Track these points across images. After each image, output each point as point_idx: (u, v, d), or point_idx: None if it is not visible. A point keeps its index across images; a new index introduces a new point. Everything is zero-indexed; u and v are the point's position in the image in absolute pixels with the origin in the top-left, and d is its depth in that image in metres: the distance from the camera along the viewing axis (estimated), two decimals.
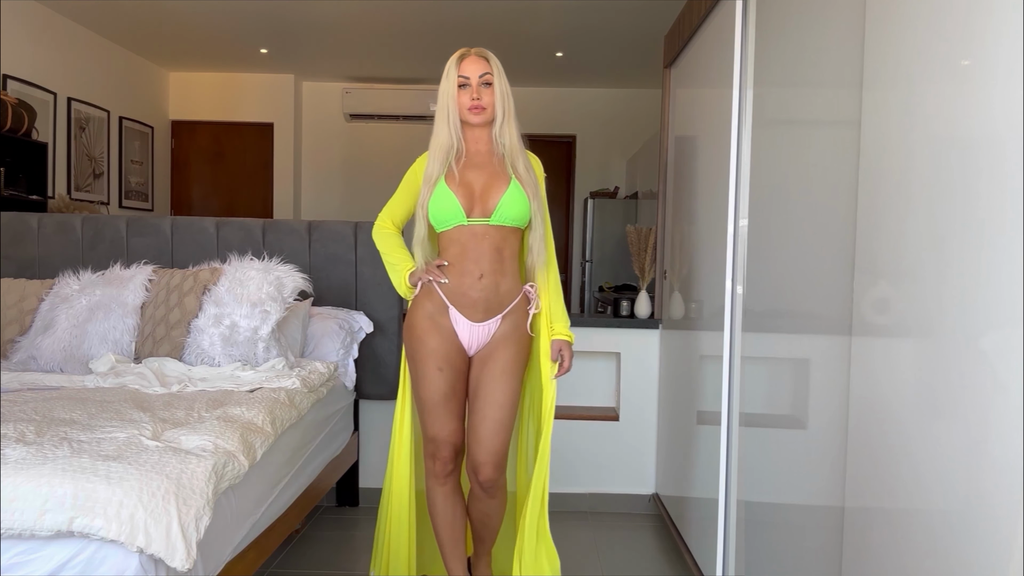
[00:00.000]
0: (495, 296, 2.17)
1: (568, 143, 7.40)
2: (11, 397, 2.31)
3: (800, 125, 1.95)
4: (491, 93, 2.16)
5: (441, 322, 2.18)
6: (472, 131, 2.20)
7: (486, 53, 2.19)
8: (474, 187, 2.16)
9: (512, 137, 2.18)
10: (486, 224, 2.15)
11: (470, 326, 2.18)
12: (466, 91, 2.15)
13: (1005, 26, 1.08)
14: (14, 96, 4.60)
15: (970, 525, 1.14)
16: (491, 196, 2.14)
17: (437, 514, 2.28)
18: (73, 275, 3.12)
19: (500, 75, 2.19)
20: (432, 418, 2.20)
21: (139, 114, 6.53)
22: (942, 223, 1.22)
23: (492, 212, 2.14)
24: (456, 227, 2.16)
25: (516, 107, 2.22)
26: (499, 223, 2.15)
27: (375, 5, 5.02)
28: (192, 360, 2.84)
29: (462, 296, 2.16)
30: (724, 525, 2.38)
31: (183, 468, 1.71)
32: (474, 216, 2.15)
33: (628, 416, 3.50)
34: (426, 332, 2.18)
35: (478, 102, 2.13)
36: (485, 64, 2.16)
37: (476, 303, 2.16)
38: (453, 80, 2.15)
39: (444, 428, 2.19)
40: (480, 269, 2.15)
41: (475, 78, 2.14)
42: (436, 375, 2.17)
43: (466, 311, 2.17)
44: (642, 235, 3.50)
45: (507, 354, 2.18)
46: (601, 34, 5.55)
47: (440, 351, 2.17)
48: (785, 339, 2.00)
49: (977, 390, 1.13)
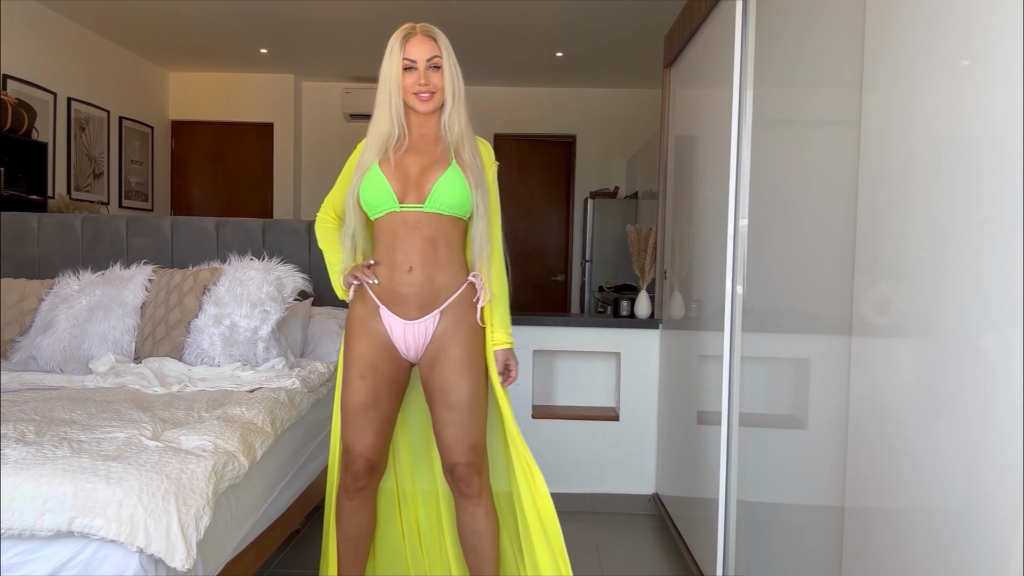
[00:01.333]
0: (428, 291, 1.98)
1: (568, 143, 7.40)
2: (11, 397, 2.31)
3: (800, 125, 1.95)
4: (440, 77, 1.96)
5: (372, 325, 2.01)
6: (416, 116, 2.02)
7: (434, 32, 1.98)
8: (410, 171, 1.98)
9: (461, 123, 2.00)
10: (420, 211, 1.96)
11: (404, 325, 2.00)
12: (412, 74, 1.95)
13: (1005, 26, 1.08)
14: (14, 96, 4.60)
15: (970, 525, 1.14)
16: (427, 181, 1.96)
17: (340, 527, 2.10)
18: (73, 275, 3.12)
19: (450, 56, 1.98)
20: (348, 428, 2.03)
21: (139, 114, 6.52)
22: (942, 223, 1.22)
23: (426, 198, 1.96)
24: (388, 214, 1.98)
25: (516, 107, 2.16)
26: (434, 210, 1.96)
27: (375, 5, 5.02)
28: (192, 360, 2.84)
29: (392, 293, 1.99)
30: (724, 525, 2.38)
31: (183, 468, 1.71)
32: (408, 202, 1.96)
33: (628, 416, 3.50)
34: (354, 337, 2.03)
35: (426, 87, 1.94)
36: (434, 46, 1.96)
37: (407, 299, 1.98)
38: (397, 62, 1.95)
39: (359, 440, 2.02)
40: (409, 261, 1.97)
41: (422, 61, 1.94)
42: (357, 383, 2.01)
43: (397, 309, 1.99)
44: (642, 235, 3.50)
45: (455, 351, 1.99)
46: (601, 34, 5.55)
47: (365, 357, 2.01)
48: (785, 339, 2.00)
49: (977, 390, 1.13)
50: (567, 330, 3.52)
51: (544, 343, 3.50)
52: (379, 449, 2.06)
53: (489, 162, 2.09)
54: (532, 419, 3.50)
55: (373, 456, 2.04)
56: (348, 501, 2.09)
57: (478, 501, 2.06)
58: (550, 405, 3.66)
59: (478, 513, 2.06)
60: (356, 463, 2.04)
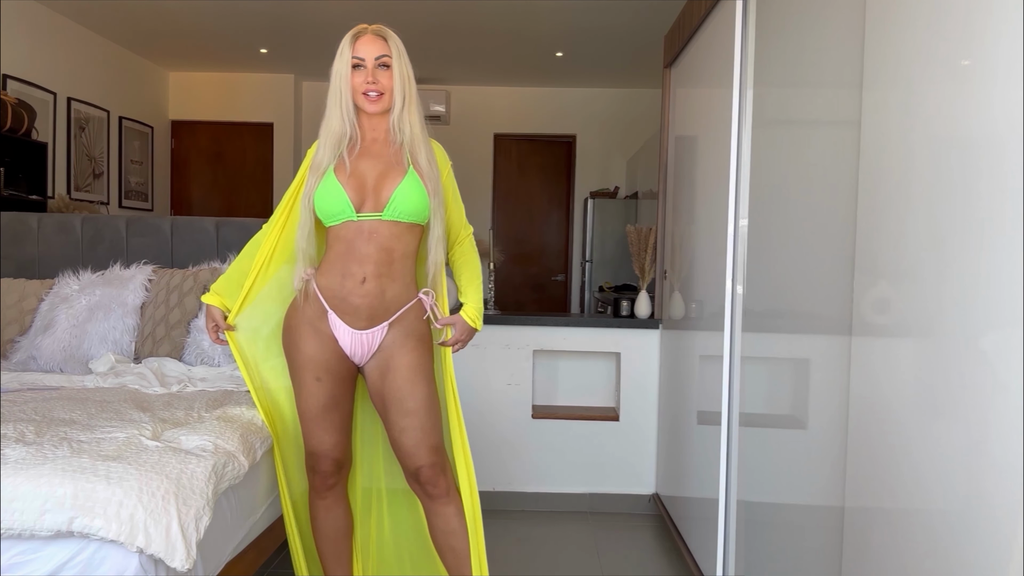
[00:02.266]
0: (380, 303, 1.97)
1: (568, 143, 7.40)
2: (11, 397, 2.31)
3: (800, 125, 1.95)
4: (389, 76, 1.94)
5: (320, 327, 1.99)
6: (368, 119, 2.00)
7: (385, 32, 1.97)
8: (366, 179, 1.95)
9: (413, 126, 1.97)
10: (377, 220, 1.94)
11: (351, 333, 1.98)
12: (360, 73, 1.94)
13: (1005, 26, 1.08)
14: (14, 96, 4.60)
15: (970, 525, 1.14)
16: (384, 188, 1.94)
17: (318, 528, 2.13)
18: (73, 275, 3.12)
19: (400, 55, 1.96)
20: (311, 430, 2.03)
21: (139, 114, 6.52)
22: (942, 223, 1.22)
23: (384, 206, 1.93)
24: (344, 223, 1.95)
25: (516, 107, 2.15)
26: (392, 218, 1.94)
27: (375, 5, 5.02)
28: (192, 360, 2.84)
29: (342, 301, 1.96)
30: (724, 525, 2.38)
31: (183, 468, 1.71)
32: (365, 211, 1.94)
33: (628, 416, 3.50)
34: (303, 338, 1.99)
35: (373, 86, 1.93)
36: (383, 44, 1.94)
37: (358, 309, 1.96)
38: (347, 60, 1.94)
39: (324, 441, 2.03)
40: (363, 272, 1.94)
41: (371, 60, 1.93)
42: (314, 385, 1.99)
43: (347, 317, 1.97)
44: (642, 235, 3.50)
45: (406, 360, 1.99)
46: (601, 34, 5.55)
47: (318, 359, 1.99)
48: (785, 339, 2.00)
49: (977, 390, 1.13)
50: (567, 330, 3.52)
51: (544, 343, 3.50)
52: (344, 447, 2.08)
53: (443, 163, 2.09)
54: (532, 419, 3.50)
55: (339, 455, 2.07)
56: (320, 501, 2.11)
57: (447, 500, 2.05)
58: (550, 405, 3.66)
59: (449, 512, 2.06)
60: (323, 463, 2.06)
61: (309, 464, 2.09)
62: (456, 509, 2.07)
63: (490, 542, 2.08)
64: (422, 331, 2.04)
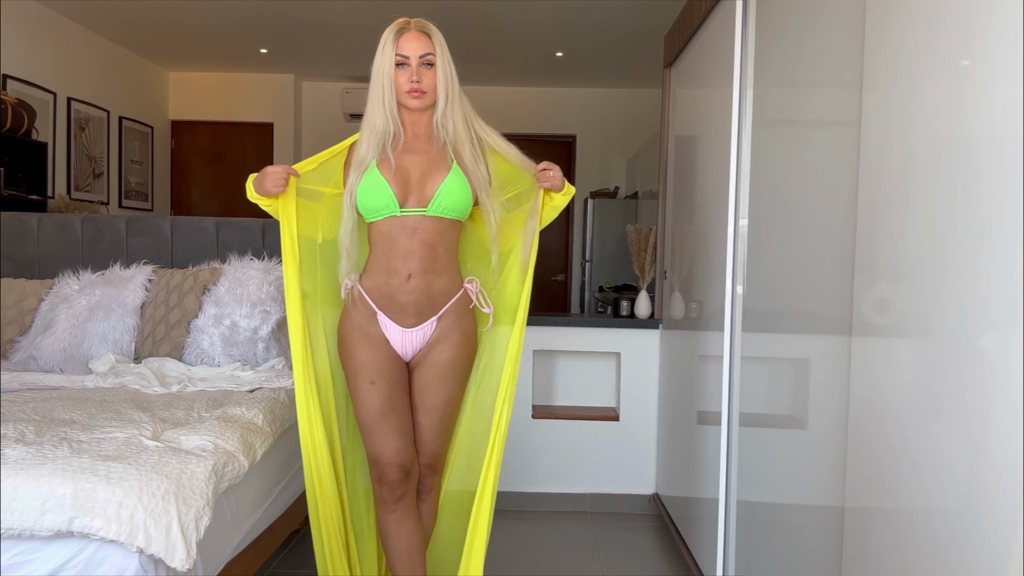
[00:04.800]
0: (427, 298, 1.95)
1: (568, 143, 7.40)
2: (11, 397, 2.31)
3: (800, 125, 1.95)
4: (432, 75, 1.92)
5: (370, 331, 1.96)
6: (410, 114, 1.97)
7: (428, 28, 1.93)
8: (410, 174, 1.93)
9: (457, 122, 1.96)
10: (421, 215, 1.92)
11: (402, 332, 1.97)
12: (404, 71, 1.90)
13: (1005, 26, 1.08)
14: (14, 96, 4.59)
15: (970, 525, 1.14)
16: (428, 184, 1.92)
17: (390, 546, 1.99)
18: (73, 275, 3.12)
19: (444, 53, 1.93)
20: (371, 437, 1.96)
21: (139, 114, 6.52)
22: (942, 223, 1.22)
23: (429, 202, 1.92)
24: (387, 219, 1.93)
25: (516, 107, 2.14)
26: (436, 214, 1.93)
27: (375, 5, 5.01)
28: (192, 360, 2.84)
29: (390, 300, 1.94)
30: (724, 525, 2.38)
31: (183, 468, 1.71)
32: (408, 206, 1.92)
33: (628, 416, 3.50)
34: (355, 344, 1.97)
35: (417, 85, 1.90)
36: (427, 42, 1.91)
37: (405, 307, 1.94)
38: (390, 57, 1.90)
39: (387, 448, 1.94)
40: (409, 268, 1.92)
41: (415, 58, 1.89)
42: (369, 390, 1.95)
43: (395, 316, 1.95)
44: (642, 235, 3.50)
45: (443, 357, 1.98)
46: (601, 34, 5.54)
47: (371, 363, 1.95)
48: (785, 339, 2.00)
49: (977, 390, 1.13)
50: (567, 330, 3.52)
51: (544, 343, 3.50)
52: (408, 451, 1.97)
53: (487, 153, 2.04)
54: (532, 419, 3.50)
55: (404, 461, 1.96)
56: (390, 515, 1.98)
57: (425, 497, 2.08)
58: (550, 405, 3.66)
59: (422, 508, 2.08)
60: (389, 471, 1.95)
61: (374, 476, 1.99)
62: (429, 508, 2.09)
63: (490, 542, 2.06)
64: (467, 325, 2.03)
